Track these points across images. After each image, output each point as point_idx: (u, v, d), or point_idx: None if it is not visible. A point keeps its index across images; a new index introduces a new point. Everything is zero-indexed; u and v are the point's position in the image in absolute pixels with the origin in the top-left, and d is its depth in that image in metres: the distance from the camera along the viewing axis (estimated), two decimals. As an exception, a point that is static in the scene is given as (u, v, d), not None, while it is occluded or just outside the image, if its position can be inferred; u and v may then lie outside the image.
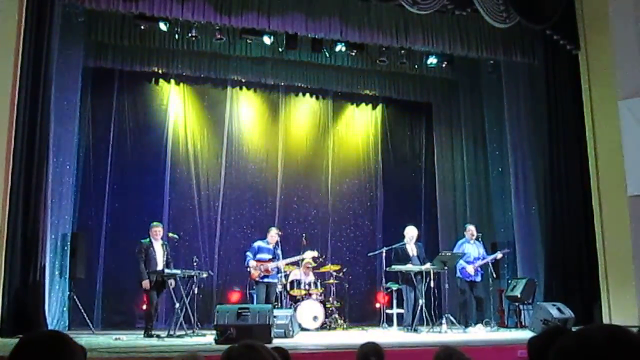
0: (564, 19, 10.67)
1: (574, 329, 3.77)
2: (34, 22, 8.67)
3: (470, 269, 10.13)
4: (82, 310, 9.82)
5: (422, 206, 13.50)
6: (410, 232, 10.38)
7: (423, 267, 9.81)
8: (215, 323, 7.75)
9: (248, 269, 10.08)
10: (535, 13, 10.44)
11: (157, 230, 9.27)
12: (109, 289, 11.11)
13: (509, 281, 11.18)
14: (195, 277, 8.93)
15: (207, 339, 8.21)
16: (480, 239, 10.53)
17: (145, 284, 8.85)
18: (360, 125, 13.72)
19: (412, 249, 10.25)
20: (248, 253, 10.17)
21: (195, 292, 8.95)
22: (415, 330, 9.51)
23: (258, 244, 10.22)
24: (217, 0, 9.65)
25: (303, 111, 13.36)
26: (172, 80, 12.37)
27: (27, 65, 8.55)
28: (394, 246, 10.36)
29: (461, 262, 10.14)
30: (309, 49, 11.45)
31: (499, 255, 10.53)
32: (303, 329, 9.82)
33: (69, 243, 9.98)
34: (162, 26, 10.47)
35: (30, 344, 1.78)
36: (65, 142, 10.06)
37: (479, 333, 9.51)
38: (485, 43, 10.86)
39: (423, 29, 10.53)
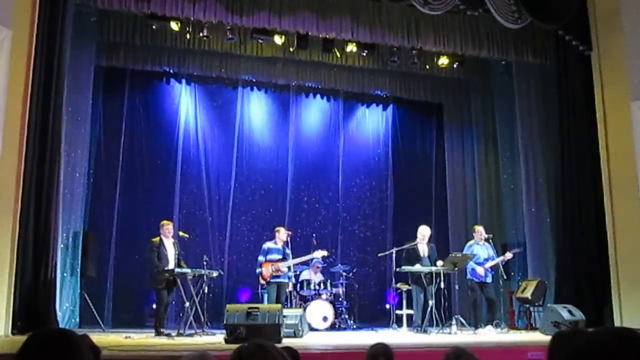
0: (576, 19, 10.61)
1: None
2: (46, 22, 8.72)
3: (480, 270, 10.10)
4: (93, 309, 9.85)
5: (433, 207, 13.45)
6: (423, 232, 10.36)
7: (433, 268, 9.77)
8: (225, 322, 7.77)
9: (259, 271, 10.06)
10: (547, 13, 10.38)
11: (168, 228, 9.31)
12: (120, 288, 11.14)
13: (520, 283, 11.13)
14: (205, 276, 8.94)
15: (217, 338, 8.22)
16: (490, 240, 10.48)
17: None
18: (371, 126, 13.72)
19: (423, 249, 10.22)
20: (260, 257, 10.17)
21: (206, 291, 8.96)
22: (425, 331, 9.48)
23: (267, 245, 10.20)
24: (228, 0, 9.67)
25: (314, 111, 13.37)
26: (183, 80, 12.43)
27: (40, 64, 8.60)
28: (405, 246, 10.33)
29: (471, 263, 10.10)
30: (320, 48, 11.45)
31: (508, 255, 10.47)
32: (312, 329, 9.83)
33: (80, 242, 10.01)
34: (174, 26, 10.49)
35: (37, 343, 1.80)
36: (77, 141, 10.10)
37: (489, 334, 9.47)
38: (496, 43, 10.83)
39: (434, 29, 10.51)
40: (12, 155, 8.22)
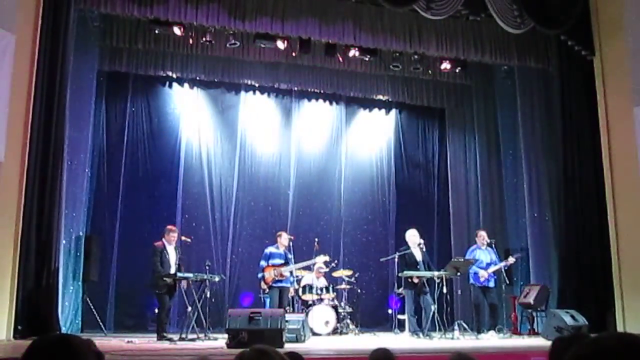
0: (578, 24, 10.60)
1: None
2: (50, 27, 8.75)
3: (483, 275, 10.08)
4: (95, 313, 9.86)
5: (435, 212, 13.45)
6: (413, 235, 10.30)
7: (435, 273, 9.74)
8: (227, 327, 7.75)
9: (261, 275, 10.04)
10: (550, 18, 10.38)
11: (173, 235, 9.31)
12: (122, 292, 11.15)
13: (522, 288, 11.10)
14: (207, 281, 8.93)
15: (218, 342, 8.20)
16: (493, 245, 10.46)
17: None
18: (373, 131, 13.70)
19: (417, 254, 10.17)
20: (262, 262, 10.15)
21: (208, 295, 8.95)
22: (428, 336, 9.46)
23: (269, 250, 10.19)
24: (231, 5, 9.69)
25: (316, 116, 13.36)
26: (186, 85, 12.44)
27: (43, 69, 8.63)
28: (401, 252, 10.24)
29: (474, 267, 10.08)
30: (322, 53, 11.47)
31: (511, 259, 10.46)
32: (315, 334, 9.81)
33: (82, 246, 10.03)
34: (177, 31, 10.51)
35: (39, 349, 1.80)
36: (80, 145, 10.12)
37: (492, 340, 9.45)
38: (499, 48, 10.83)
39: (437, 34, 10.52)
40: (15, 159, 8.25)
